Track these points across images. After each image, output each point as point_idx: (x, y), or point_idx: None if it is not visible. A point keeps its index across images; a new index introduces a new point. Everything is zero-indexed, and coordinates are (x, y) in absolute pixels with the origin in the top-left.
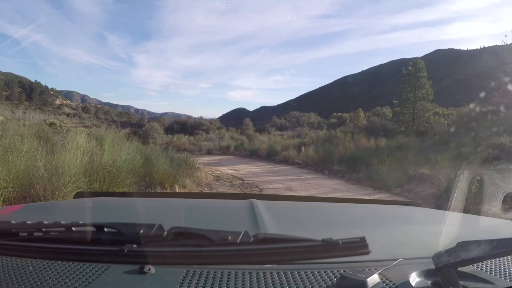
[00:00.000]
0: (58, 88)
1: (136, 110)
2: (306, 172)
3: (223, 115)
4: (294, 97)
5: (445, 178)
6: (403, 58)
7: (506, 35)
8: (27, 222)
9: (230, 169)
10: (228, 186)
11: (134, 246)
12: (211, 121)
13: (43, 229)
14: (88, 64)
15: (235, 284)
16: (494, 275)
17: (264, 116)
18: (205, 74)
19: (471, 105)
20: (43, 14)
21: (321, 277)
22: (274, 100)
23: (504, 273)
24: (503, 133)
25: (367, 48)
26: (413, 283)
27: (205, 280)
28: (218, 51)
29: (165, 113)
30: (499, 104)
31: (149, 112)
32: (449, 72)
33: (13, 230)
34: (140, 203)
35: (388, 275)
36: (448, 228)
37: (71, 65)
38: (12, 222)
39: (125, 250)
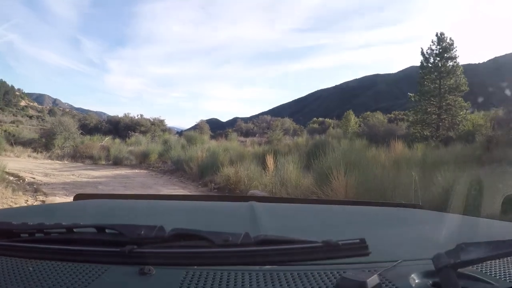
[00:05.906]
0: (30, 90)
1: (109, 117)
2: None
3: (195, 124)
4: (268, 109)
5: None
6: (377, 74)
7: None
8: (28, 223)
9: None
10: None
11: (135, 247)
12: (154, 121)
13: (44, 230)
14: (62, 67)
15: (235, 285)
16: (494, 276)
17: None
18: (179, 84)
19: None
20: (18, 13)
21: (321, 278)
22: (248, 111)
23: (504, 275)
24: None
25: (340, 63)
26: (413, 284)
27: (205, 281)
28: (192, 61)
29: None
30: None
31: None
32: None
33: (14, 230)
34: (140, 205)
35: (388, 276)
36: (447, 229)
37: (44, 67)
38: (13, 222)
39: (126, 251)
